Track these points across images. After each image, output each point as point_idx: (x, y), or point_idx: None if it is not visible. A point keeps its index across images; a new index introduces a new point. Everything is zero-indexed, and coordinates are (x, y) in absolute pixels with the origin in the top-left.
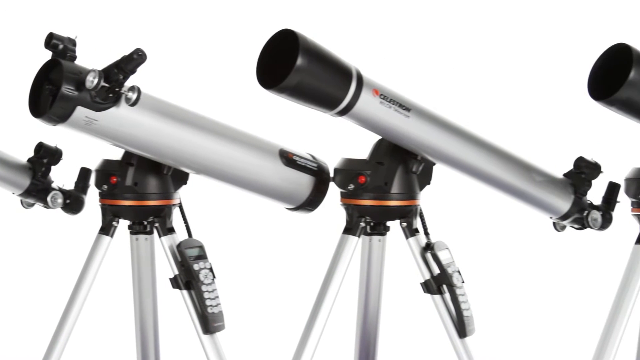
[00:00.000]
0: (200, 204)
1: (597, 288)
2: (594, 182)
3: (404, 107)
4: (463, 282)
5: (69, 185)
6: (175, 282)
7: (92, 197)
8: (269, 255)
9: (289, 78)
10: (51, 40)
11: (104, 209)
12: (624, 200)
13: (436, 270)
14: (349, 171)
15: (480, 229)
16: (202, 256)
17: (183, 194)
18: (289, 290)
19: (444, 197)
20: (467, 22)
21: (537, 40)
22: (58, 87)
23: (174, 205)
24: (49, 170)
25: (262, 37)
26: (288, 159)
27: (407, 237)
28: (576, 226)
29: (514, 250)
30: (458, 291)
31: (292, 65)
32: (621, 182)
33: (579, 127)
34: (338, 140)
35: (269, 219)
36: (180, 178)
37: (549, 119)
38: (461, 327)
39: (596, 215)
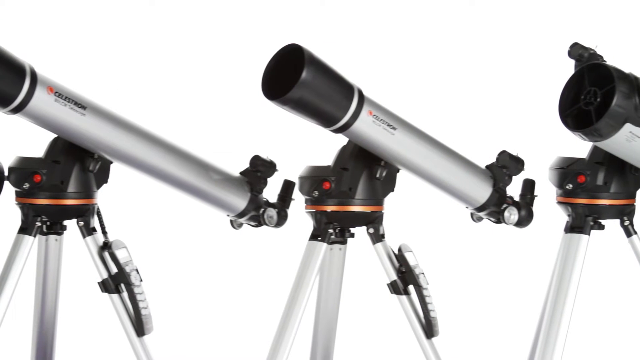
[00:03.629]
0: None
1: (275, 284)
2: (269, 179)
3: (80, 105)
4: (141, 280)
5: None
6: None
7: None
8: None
9: None
10: None
11: None
12: (298, 198)
13: (114, 269)
14: (24, 170)
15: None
16: None
17: None
18: None
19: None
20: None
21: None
22: None
23: None
24: None
25: None
26: None
27: (84, 237)
28: (253, 224)
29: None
30: (136, 290)
31: None
32: (296, 180)
33: (258, 126)
34: None
35: None
36: None
37: (231, 118)
38: (139, 326)
39: (272, 212)
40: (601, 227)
